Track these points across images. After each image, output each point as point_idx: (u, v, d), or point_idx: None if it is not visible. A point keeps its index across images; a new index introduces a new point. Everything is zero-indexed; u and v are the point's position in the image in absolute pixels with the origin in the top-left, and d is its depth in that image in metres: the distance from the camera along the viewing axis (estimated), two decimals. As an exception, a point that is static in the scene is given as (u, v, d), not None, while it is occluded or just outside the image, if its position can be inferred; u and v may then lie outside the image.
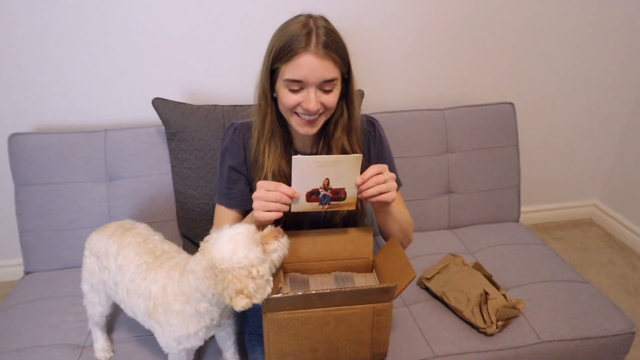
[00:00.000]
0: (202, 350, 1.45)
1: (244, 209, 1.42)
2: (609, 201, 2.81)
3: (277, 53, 1.21)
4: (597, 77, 2.45)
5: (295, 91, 1.22)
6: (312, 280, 1.36)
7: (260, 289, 1.07)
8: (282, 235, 1.17)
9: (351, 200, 1.25)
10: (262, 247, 1.11)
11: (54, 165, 1.75)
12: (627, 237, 2.67)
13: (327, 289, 1.14)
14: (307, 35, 1.17)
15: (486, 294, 1.53)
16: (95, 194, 1.79)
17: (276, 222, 1.21)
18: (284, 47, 1.19)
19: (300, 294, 1.13)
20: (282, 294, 1.12)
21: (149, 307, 1.21)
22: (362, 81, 1.54)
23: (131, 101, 2.00)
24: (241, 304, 1.05)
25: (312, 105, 1.21)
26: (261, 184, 1.19)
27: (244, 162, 1.41)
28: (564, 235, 2.76)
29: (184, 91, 2.02)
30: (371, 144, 1.46)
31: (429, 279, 1.67)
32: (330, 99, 1.24)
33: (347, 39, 1.25)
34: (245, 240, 1.08)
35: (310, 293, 1.13)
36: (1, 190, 2.06)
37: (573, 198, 2.85)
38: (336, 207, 1.25)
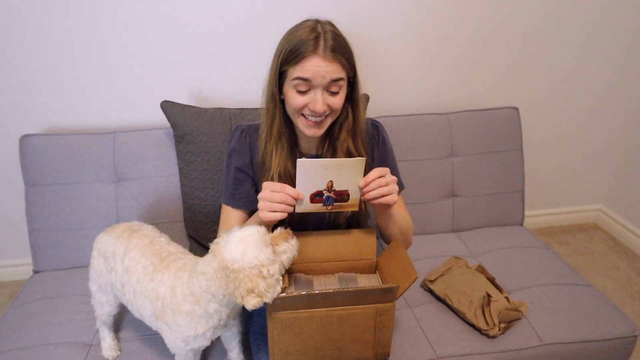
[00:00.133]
0: (207, 350, 1.46)
1: (250, 210, 1.44)
2: (613, 206, 2.80)
3: (285, 56, 1.23)
4: (601, 81, 2.45)
5: (303, 93, 1.24)
6: (316, 281, 1.37)
7: (270, 288, 1.08)
8: (292, 237, 1.18)
9: (354, 202, 1.26)
10: (272, 248, 1.12)
11: (63, 166, 1.77)
12: (631, 241, 2.66)
13: (330, 289, 1.15)
14: (315, 39, 1.19)
15: (489, 296, 1.53)
16: (104, 194, 1.81)
17: (281, 223, 1.23)
18: (292, 50, 1.21)
19: (303, 293, 1.14)
20: (286, 294, 1.13)
21: (157, 308, 1.22)
22: (367, 85, 1.56)
23: (140, 104, 2.02)
24: (252, 302, 1.06)
25: (319, 107, 1.23)
26: (267, 185, 1.21)
27: (250, 164, 1.43)
28: (569, 239, 2.76)
29: (192, 94, 2.04)
30: (375, 147, 1.47)
31: (432, 281, 1.68)
32: (337, 101, 1.26)
33: (353, 43, 1.27)
34: (256, 241, 1.10)
35: (313, 293, 1.14)
36: (12, 191, 2.09)
37: (578, 202, 2.85)
38: (339, 208, 1.27)
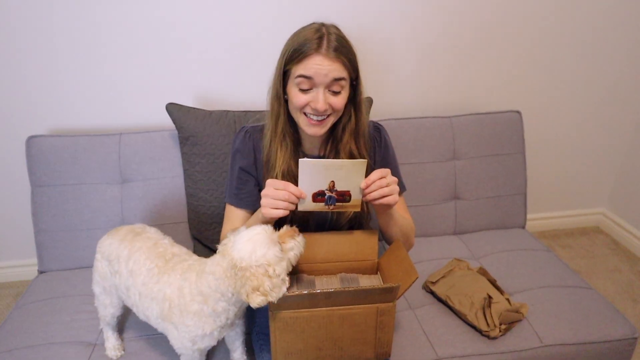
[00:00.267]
0: (211, 350, 1.47)
1: (253, 209, 1.45)
2: (616, 209, 2.81)
3: (289, 55, 1.25)
4: (604, 85, 2.45)
5: (305, 91, 1.26)
6: (318, 281, 1.38)
7: (275, 287, 1.09)
8: (298, 234, 1.20)
9: (356, 203, 1.28)
10: (280, 246, 1.14)
11: (69, 167, 1.79)
12: (634, 245, 2.66)
13: (331, 288, 1.16)
14: (319, 39, 1.22)
15: (490, 297, 1.54)
16: (109, 195, 1.82)
17: (282, 221, 1.24)
18: (296, 49, 1.23)
19: (305, 292, 1.15)
20: (288, 293, 1.14)
21: (164, 309, 1.23)
22: (371, 88, 1.57)
23: (146, 106, 2.04)
24: (257, 301, 1.07)
25: (321, 105, 1.24)
26: (270, 182, 1.23)
27: (254, 164, 1.45)
28: (571, 242, 2.76)
29: (197, 97, 2.06)
30: (377, 149, 1.49)
31: (434, 282, 1.69)
32: (338, 100, 1.27)
33: (357, 47, 1.29)
34: (264, 240, 1.11)
35: (315, 292, 1.15)
36: (17, 192, 2.11)
37: (580, 206, 2.85)
38: (341, 208, 1.28)
